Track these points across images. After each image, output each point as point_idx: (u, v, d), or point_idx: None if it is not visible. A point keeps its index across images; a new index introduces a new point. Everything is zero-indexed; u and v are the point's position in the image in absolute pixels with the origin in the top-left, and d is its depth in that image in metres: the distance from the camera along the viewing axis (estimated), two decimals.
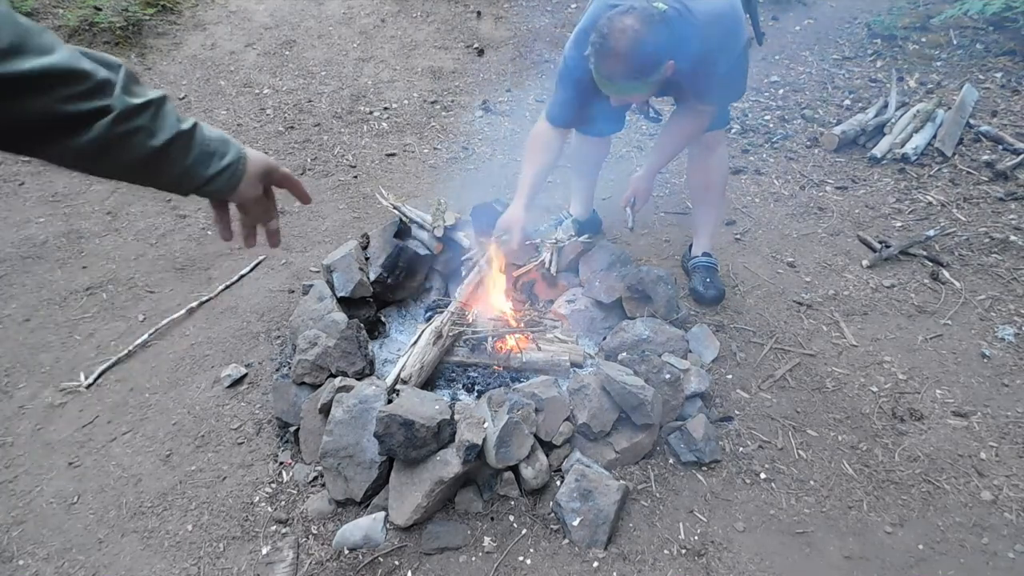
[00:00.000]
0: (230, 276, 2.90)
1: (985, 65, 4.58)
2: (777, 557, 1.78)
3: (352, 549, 1.80)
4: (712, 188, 2.71)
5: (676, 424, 2.06)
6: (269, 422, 2.20)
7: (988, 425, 2.14)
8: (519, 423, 1.84)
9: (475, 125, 4.26)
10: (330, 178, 3.71)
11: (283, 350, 2.43)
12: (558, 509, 1.83)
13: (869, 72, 4.72)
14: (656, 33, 1.89)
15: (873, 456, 2.06)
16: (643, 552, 1.78)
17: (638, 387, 1.96)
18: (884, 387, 2.30)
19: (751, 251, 3.02)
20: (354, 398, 1.92)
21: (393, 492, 1.85)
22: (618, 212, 2.71)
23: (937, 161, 3.58)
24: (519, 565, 1.75)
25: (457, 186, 3.54)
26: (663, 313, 2.33)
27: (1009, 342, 2.44)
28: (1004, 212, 3.13)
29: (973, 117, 3.89)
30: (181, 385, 2.37)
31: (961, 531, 1.84)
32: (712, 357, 2.37)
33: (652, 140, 3.89)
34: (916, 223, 3.13)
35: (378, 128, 4.23)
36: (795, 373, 2.36)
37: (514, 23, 5.74)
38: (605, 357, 2.22)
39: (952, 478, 1.98)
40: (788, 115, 4.22)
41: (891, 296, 2.71)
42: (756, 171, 3.64)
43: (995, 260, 2.85)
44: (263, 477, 2.03)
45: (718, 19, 2.06)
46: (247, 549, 1.83)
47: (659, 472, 2.00)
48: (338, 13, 5.52)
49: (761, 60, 4.83)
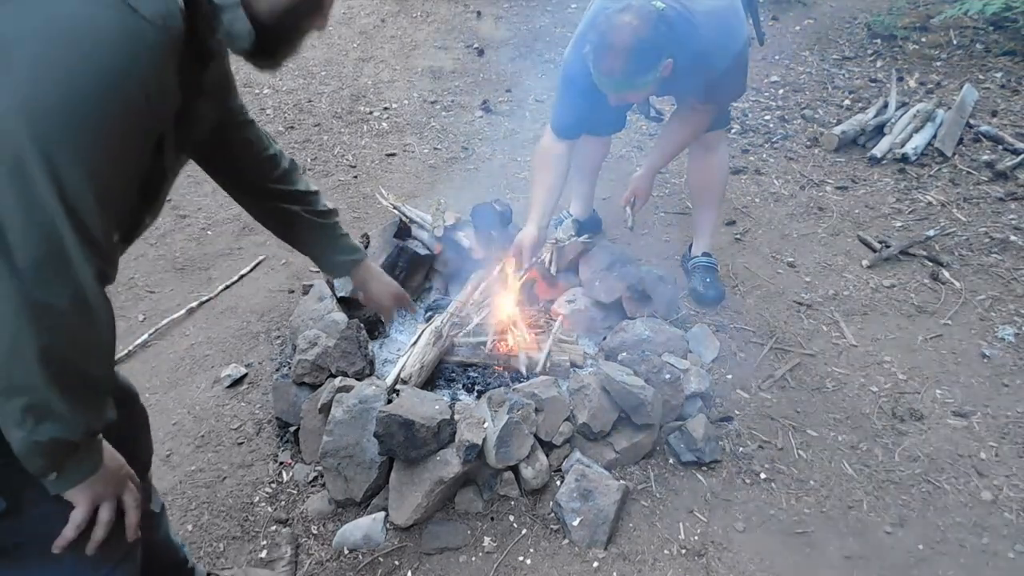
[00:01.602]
0: (230, 276, 2.90)
1: (985, 65, 4.58)
2: (777, 557, 1.78)
3: (352, 549, 1.80)
4: (712, 188, 2.71)
5: (676, 424, 2.06)
6: (269, 422, 2.20)
7: (988, 425, 2.14)
8: (519, 423, 1.84)
9: (475, 125, 4.26)
10: (330, 178, 3.71)
11: (283, 350, 2.43)
12: (558, 509, 1.83)
13: (869, 72, 4.72)
14: (654, 30, 1.89)
15: (873, 456, 2.06)
16: (643, 552, 1.78)
17: (638, 387, 1.96)
18: (884, 387, 2.30)
19: (751, 251, 3.02)
20: (354, 398, 1.92)
21: (393, 492, 1.85)
22: (618, 212, 2.71)
23: (937, 161, 3.58)
24: (519, 565, 1.75)
25: (457, 186, 3.54)
26: (663, 313, 2.33)
27: (1009, 342, 2.44)
28: (1004, 212, 3.13)
29: (973, 117, 3.89)
30: (181, 385, 2.37)
31: (961, 531, 1.84)
32: (712, 357, 2.37)
33: (652, 140, 3.89)
34: (916, 223, 3.13)
35: (378, 128, 4.23)
36: (795, 373, 2.36)
37: (514, 23, 5.74)
38: (605, 357, 2.22)
39: (952, 478, 1.98)
40: (788, 115, 4.22)
41: (891, 296, 2.71)
42: (756, 171, 3.64)
43: (995, 260, 2.85)
44: (263, 477, 2.03)
45: (717, 18, 2.06)
46: (247, 549, 1.83)
47: (659, 472, 2.00)
48: (338, 13, 5.52)
49: (761, 60, 4.82)
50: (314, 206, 1.53)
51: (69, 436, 0.91)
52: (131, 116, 0.83)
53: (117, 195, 0.87)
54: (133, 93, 0.81)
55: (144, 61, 0.81)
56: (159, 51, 0.82)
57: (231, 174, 1.46)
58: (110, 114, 0.80)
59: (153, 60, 0.82)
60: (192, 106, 1.02)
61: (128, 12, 0.79)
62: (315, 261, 1.66)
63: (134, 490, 1.10)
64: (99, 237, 0.84)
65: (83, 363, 0.89)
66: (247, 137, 1.40)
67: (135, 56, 0.80)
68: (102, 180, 0.82)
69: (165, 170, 1.03)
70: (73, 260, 0.81)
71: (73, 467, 0.95)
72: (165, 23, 0.82)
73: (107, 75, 0.78)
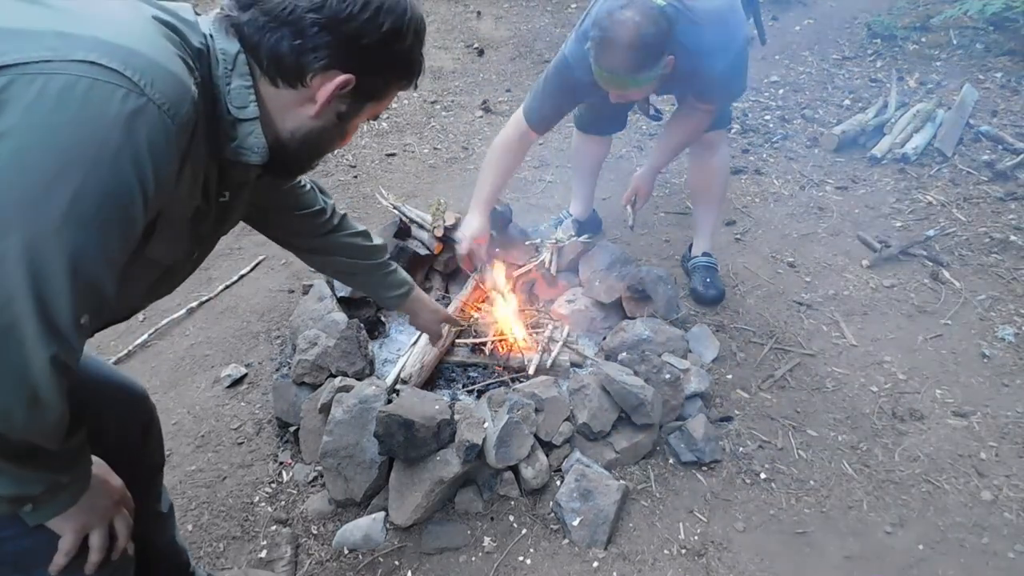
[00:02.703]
0: (230, 276, 2.90)
1: (985, 65, 4.58)
2: (777, 557, 1.78)
3: (352, 549, 1.80)
4: (712, 188, 2.71)
5: (676, 424, 2.06)
6: (269, 422, 2.20)
7: (988, 425, 2.14)
8: (519, 423, 1.84)
9: (475, 125, 4.26)
10: (330, 178, 3.71)
11: (283, 350, 2.43)
12: (558, 509, 1.83)
13: (869, 72, 4.72)
14: (656, 26, 1.90)
15: (873, 456, 2.06)
16: (643, 552, 1.78)
17: (638, 387, 1.96)
18: (884, 387, 2.30)
19: (751, 251, 3.02)
20: (354, 398, 1.92)
21: (393, 492, 1.85)
22: (618, 212, 2.71)
23: (937, 161, 3.58)
24: (519, 565, 1.75)
25: (457, 186, 3.54)
26: (663, 313, 2.33)
27: (1009, 342, 2.44)
28: (1004, 212, 3.13)
29: (973, 117, 3.89)
30: (181, 385, 2.37)
31: (961, 531, 1.84)
32: (712, 357, 2.37)
33: (652, 140, 3.89)
34: (916, 223, 3.13)
35: (378, 128, 4.23)
36: (795, 373, 2.36)
37: (514, 23, 5.75)
38: (605, 357, 2.22)
39: (952, 478, 1.98)
40: (788, 115, 4.23)
41: (891, 296, 2.71)
42: (756, 171, 3.64)
43: (995, 260, 2.85)
44: (263, 477, 2.03)
45: (718, 16, 2.07)
46: (247, 549, 1.83)
47: (659, 472, 2.00)
48: None
49: (761, 60, 4.82)
50: (366, 256, 1.62)
51: (27, 493, 0.88)
52: (120, 193, 0.77)
53: (98, 277, 0.80)
54: (125, 169, 0.76)
55: (142, 138, 0.77)
56: (162, 134, 0.79)
57: (279, 235, 1.52)
58: (98, 186, 0.75)
59: (154, 140, 0.78)
60: (213, 207, 1.02)
61: (135, 90, 0.76)
62: (369, 296, 1.88)
63: (127, 516, 1.08)
64: (65, 324, 0.77)
65: (28, 438, 0.82)
66: (292, 201, 1.44)
67: (133, 131, 0.76)
68: (85, 260, 0.76)
69: (151, 260, 0.95)
70: (27, 340, 0.74)
71: (47, 500, 0.92)
72: (173, 109, 0.79)
73: (101, 146, 0.74)
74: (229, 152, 0.97)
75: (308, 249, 1.58)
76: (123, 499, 1.08)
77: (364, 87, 0.99)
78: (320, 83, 0.95)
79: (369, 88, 1.01)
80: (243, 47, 0.93)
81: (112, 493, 1.05)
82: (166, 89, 0.79)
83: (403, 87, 1.06)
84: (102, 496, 1.02)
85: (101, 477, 1.02)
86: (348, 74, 0.95)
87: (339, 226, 1.55)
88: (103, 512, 1.02)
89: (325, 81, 0.95)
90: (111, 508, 1.04)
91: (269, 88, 0.96)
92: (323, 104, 0.97)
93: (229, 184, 1.04)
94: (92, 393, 1.22)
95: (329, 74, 0.95)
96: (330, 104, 0.98)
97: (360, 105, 1.03)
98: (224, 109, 0.93)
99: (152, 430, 1.37)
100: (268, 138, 0.99)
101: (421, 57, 1.04)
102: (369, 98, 1.03)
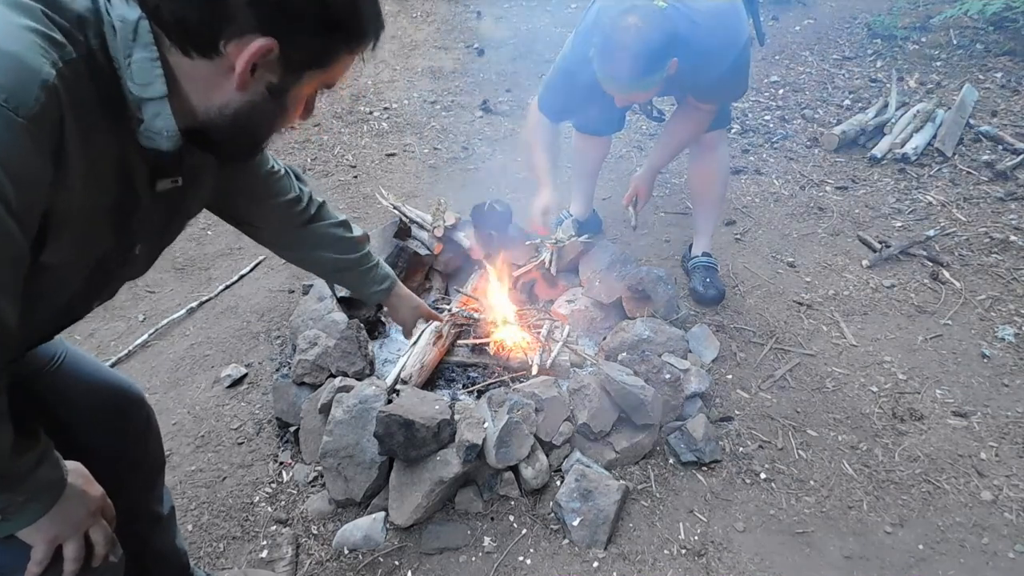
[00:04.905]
0: (230, 276, 2.91)
1: (985, 65, 4.58)
2: (777, 557, 1.78)
3: (352, 549, 1.80)
4: (712, 188, 2.71)
5: (676, 424, 2.06)
6: (269, 422, 2.20)
7: (988, 425, 2.14)
8: (519, 423, 1.84)
9: (475, 125, 4.26)
10: (330, 178, 3.71)
11: (283, 350, 2.43)
12: (558, 509, 1.83)
13: (869, 72, 4.72)
14: (659, 30, 1.91)
15: (873, 456, 2.06)
16: (643, 552, 1.78)
17: (638, 387, 1.96)
18: (884, 387, 2.30)
19: (751, 251, 3.02)
20: (354, 398, 1.92)
21: (393, 492, 1.85)
22: (618, 212, 2.71)
23: (937, 161, 3.58)
24: (519, 565, 1.75)
25: (457, 186, 3.54)
26: (663, 313, 2.33)
27: (1009, 342, 2.44)
28: (1004, 212, 3.13)
29: (973, 117, 3.89)
30: (181, 385, 2.37)
31: (961, 531, 1.84)
32: (712, 357, 2.37)
33: (652, 140, 3.89)
34: (916, 223, 3.13)
35: (378, 128, 4.23)
36: (795, 373, 2.36)
37: (514, 23, 5.75)
38: (605, 357, 2.22)
39: (952, 478, 1.98)
40: (788, 115, 4.23)
41: (891, 296, 2.71)
42: (756, 171, 3.64)
43: (995, 260, 2.85)
44: (263, 477, 2.03)
45: (719, 18, 2.07)
46: (247, 549, 1.83)
47: (659, 472, 2.00)
48: None
49: (761, 60, 4.83)
50: (347, 249, 1.52)
51: None
52: None
53: None
54: None
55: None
56: (4, 132, 0.68)
57: (255, 231, 1.41)
58: None
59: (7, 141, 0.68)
60: (145, 197, 0.93)
61: None
62: (353, 294, 1.85)
63: (105, 526, 1.02)
64: None
65: None
66: (264, 187, 1.33)
67: None
68: None
69: (58, 265, 0.85)
70: None
71: (13, 513, 0.88)
72: (14, 100, 0.68)
73: None
74: (142, 137, 0.85)
75: (286, 244, 1.48)
76: (102, 508, 1.02)
77: (295, 53, 0.84)
78: (237, 50, 0.80)
79: (302, 54, 0.85)
80: (145, 12, 0.79)
81: (90, 503, 0.99)
82: (5, 81, 0.67)
83: (355, 50, 0.89)
84: (78, 505, 0.97)
85: (79, 487, 0.97)
86: (267, 37, 0.80)
87: (317, 215, 1.44)
88: (77, 522, 0.97)
89: (241, 48, 0.80)
90: (86, 518, 0.98)
91: (182, 60, 0.82)
92: (241, 75, 0.82)
93: (181, 168, 0.94)
94: (86, 397, 1.21)
95: (244, 39, 0.80)
96: (253, 75, 0.83)
97: (297, 75, 0.87)
98: (127, 87, 0.81)
99: (150, 433, 1.36)
100: (188, 118, 0.86)
101: (372, 12, 0.88)
102: (306, 66, 0.87)
